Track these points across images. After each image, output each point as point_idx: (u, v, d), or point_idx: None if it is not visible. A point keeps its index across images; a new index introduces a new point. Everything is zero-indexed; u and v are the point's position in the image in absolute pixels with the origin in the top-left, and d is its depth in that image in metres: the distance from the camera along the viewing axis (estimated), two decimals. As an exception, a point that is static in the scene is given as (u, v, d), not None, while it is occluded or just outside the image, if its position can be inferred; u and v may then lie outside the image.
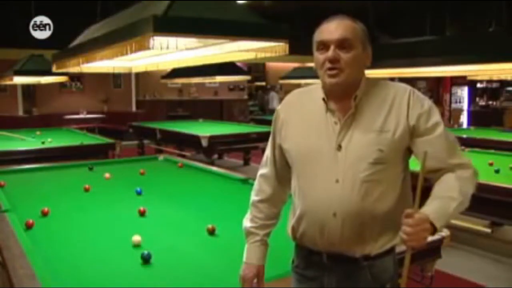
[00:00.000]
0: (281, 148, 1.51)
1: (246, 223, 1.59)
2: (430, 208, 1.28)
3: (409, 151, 1.39)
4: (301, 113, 1.46)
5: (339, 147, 1.35)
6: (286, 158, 1.50)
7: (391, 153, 1.33)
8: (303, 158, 1.42)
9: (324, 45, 1.34)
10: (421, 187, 1.28)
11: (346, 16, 1.37)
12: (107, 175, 3.66)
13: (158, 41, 2.34)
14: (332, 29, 1.33)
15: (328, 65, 1.33)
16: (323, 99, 1.40)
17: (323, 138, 1.38)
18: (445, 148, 1.36)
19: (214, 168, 4.08)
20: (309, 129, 1.42)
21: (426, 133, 1.34)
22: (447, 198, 1.32)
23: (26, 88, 11.14)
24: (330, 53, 1.32)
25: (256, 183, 1.62)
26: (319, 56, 1.36)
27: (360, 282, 1.39)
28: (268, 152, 1.58)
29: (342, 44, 1.32)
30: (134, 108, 12.59)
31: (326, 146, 1.36)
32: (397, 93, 1.37)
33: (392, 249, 1.42)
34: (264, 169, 1.59)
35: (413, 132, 1.34)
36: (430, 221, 1.25)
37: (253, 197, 1.60)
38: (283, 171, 1.54)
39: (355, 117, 1.36)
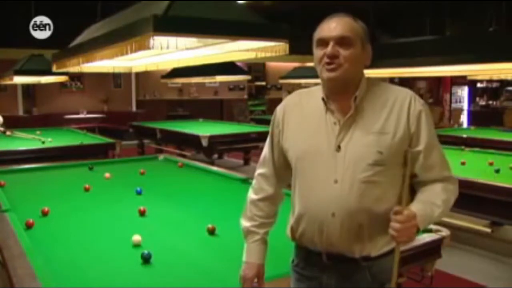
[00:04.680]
0: (280, 148, 1.51)
1: (245, 222, 1.59)
2: (416, 209, 1.30)
3: None
4: (301, 113, 1.46)
5: (338, 148, 1.35)
6: (285, 157, 1.50)
7: (390, 155, 1.33)
8: (302, 158, 1.42)
9: (323, 42, 1.34)
10: (408, 185, 1.32)
11: (346, 14, 1.37)
12: (107, 175, 3.66)
13: (158, 41, 2.34)
14: (332, 27, 1.34)
15: (326, 60, 1.33)
16: (323, 99, 1.40)
17: (322, 138, 1.38)
18: (440, 159, 1.40)
19: (214, 168, 4.09)
20: (309, 129, 1.42)
21: (424, 142, 1.35)
22: (432, 204, 1.35)
23: (26, 88, 11.14)
24: (329, 49, 1.32)
25: (255, 182, 1.62)
26: (318, 52, 1.36)
27: (360, 282, 1.39)
28: (266, 151, 1.58)
29: (342, 41, 1.32)
30: (134, 108, 12.59)
31: (325, 147, 1.37)
32: (398, 97, 1.37)
33: (392, 250, 1.42)
34: (262, 168, 1.59)
35: (412, 139, 1.35)
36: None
37: (253, 195, 1.60)
38: (281, 170, 1.54)
39: (355, 118, 1.36)
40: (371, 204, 1.34)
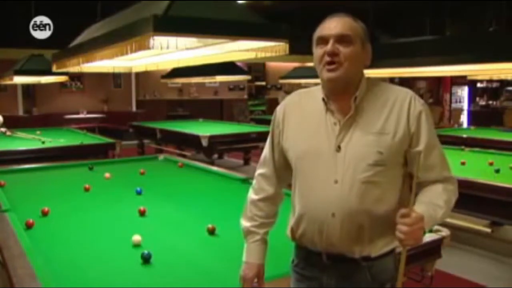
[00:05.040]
0: (280, 148, 1.51)
1: (245, 222, 1.58)
2: (421, 211, 1.29)
3: None
4: (301, 113, 1.46)
5: (338, 148, 1.35)
6: (285, 157, 1.50)
7: (390, 155, 1.33)
8: (302, 159, 1.42)
9: (323, 40, 1.34)
10: (415, 187, 1.30)
11: (346, 14, 1.37)
12: (107, 175, 3.66)
13: (158, 41, 2.34)
14: (332, 25, 1.34)
15: (327, 58, 1.33)
16: (323, 99, 1.40)
17: (322, 138, 1.38)
18: (440, 160, 1.39)
19: (214, 168, 4.09)
20: (309, 129, 1.42)
21: (424, 142, 1.35)
22: (435, 205, 1.34)
23: (26, 88, 11.15)
24: (329, 46, 1.32)
25: (255, 182, 1.62)
26: (318, 51, 1.36)
27: (360, 282, 1.39)
28: (266, 151, 1.58)
29: (341, 39, 1.32)
30: (134, 108, 12.60)
31: (325, 147, 1.36)
32: (398, 97, 1.37)
33: (392, 250, 1.42)
34: (263, 168, 1.59)
35: (412, 139, 1.35)
36: None
37: (253, 196, 1.59)
38: (282, 170, 1.54)
39: (355, 119, 1.36)
40: (371, 205, 1.33)
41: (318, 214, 1.37)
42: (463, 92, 15.50)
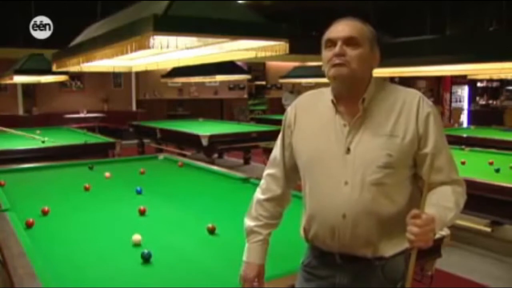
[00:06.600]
0: (291, 149, 1.51)
1: (249, 221, 1.58)
2: (431, 213, 1.27)
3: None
4: (311, 115, 1.46)
5: (348, 150, 1.35)
6: (295, 158, 1.50)
7: (400, 157, 1.33)
8: (312, 160, 1.42)
9: (331, 43, 1.35)
10: (427, 189, 1.28)
11: (355, 18, 1.38)
12: (107, 174, 3.66)
13: (158, 40, 2.35)
14: (340, 28, 1.35)
15: (334, 60, 1.34)
16: (332, 101, 1.40)
17: (332, 140, 1.38)
18: (448, 161, 1.38)
19: (214, 167, 4.08)
20: (318, 131, 1.42)
21: (432, 144, 1.34)
22: (444, 207, 1.32)
23: (26, 87, 11.15)
24: (337, 48, 1.33)
25: (263, 182, 1.61)
26: (326, 53, 1.37)
27: (373, 282, 1.39)
28: (277, 152, 1.57)
29: (349, 41, 1.33)
30: (134, 107, 12.60)
31: (335, 149, 1.37)
32: (407, 98, 1.37)
33: (404, 250, 1.41)
34: (272, 168, 1.58)
35: (420, 140, 1.34)
36: None
37: (259, 195, 1.59)
38: (291, 171, 1.54)
39: (363, 121, 1.36)
40: (381, 206, 1.33)
41: (329, 215, 1.37)
42: (463, 92, 15.51)
